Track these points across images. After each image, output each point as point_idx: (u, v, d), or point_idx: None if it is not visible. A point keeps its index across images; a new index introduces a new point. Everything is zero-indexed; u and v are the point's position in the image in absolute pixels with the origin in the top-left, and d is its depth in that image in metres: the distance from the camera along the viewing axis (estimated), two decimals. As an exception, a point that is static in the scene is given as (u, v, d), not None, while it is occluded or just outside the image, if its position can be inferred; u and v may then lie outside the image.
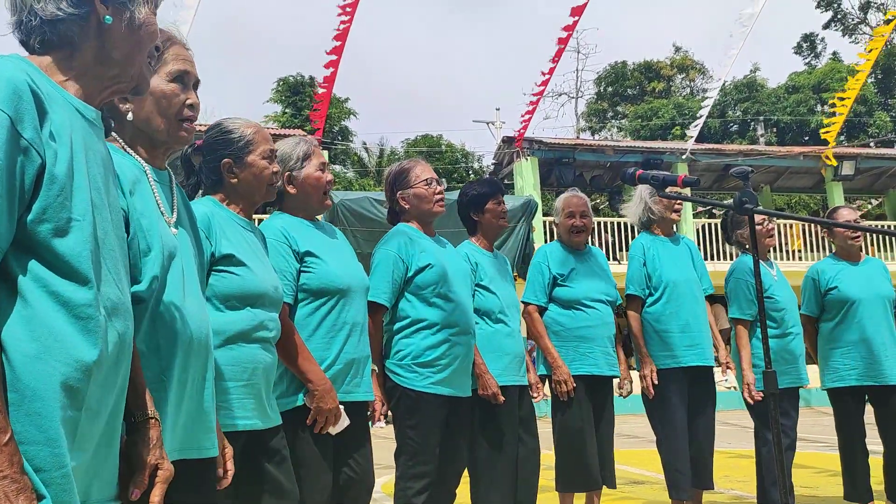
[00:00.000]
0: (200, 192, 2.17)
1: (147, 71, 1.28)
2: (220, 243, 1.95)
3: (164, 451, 1.28)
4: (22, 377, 0.99)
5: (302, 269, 2.37)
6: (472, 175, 27.27)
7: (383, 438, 10.18)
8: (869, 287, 3.82)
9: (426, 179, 2.92)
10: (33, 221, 1.03)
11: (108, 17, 1.18)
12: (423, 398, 2.76)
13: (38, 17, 1.15)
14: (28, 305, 1.02)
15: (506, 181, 15.80)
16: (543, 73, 13.05)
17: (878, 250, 16.14)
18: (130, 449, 1.24)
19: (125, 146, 1.54)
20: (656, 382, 3.54)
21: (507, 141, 15.61)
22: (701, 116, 14.76)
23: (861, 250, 4.03)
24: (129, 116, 1.51)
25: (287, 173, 2.44)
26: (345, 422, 2.31)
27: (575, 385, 3.42)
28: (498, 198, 3.32)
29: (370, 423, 2.61)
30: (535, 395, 3.41)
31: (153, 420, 1.27)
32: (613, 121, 31.83)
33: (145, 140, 1.56)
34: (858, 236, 3.98)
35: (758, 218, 3.85)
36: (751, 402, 3.70)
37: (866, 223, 4.08)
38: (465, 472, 3.04)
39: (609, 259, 15.07)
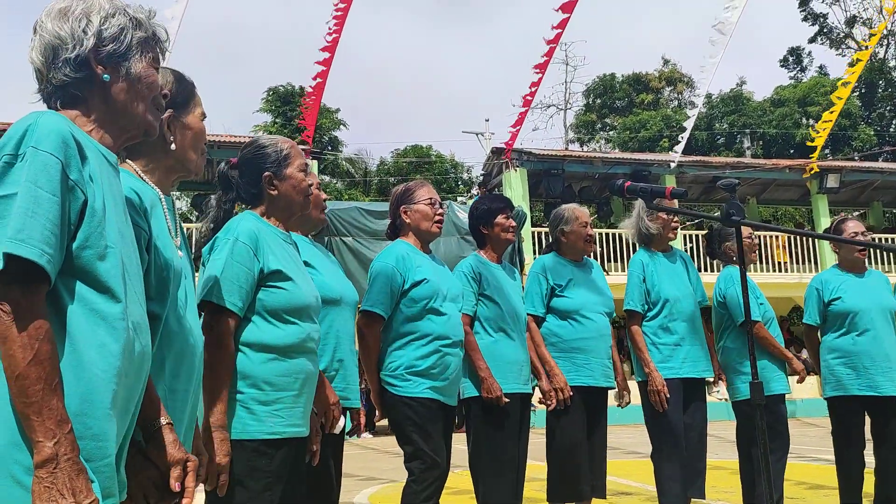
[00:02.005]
0: (243, 206, 2.29)
1: (154, 116, 1.46)
2: (268, 259, 2.05)
3: (185, 448, 1.45)
4: (69, 380, 1.17)
5: None
6: (461, 186, 27.33)
7: (371, 449, 10.16)
8: (872, 299, 3.86)
9: (430, 199, 3.06)
10: (78, 248, 1.23)
11: (106, 75, 1.37)
12: (423, 404, 2.85)
13: (51, 84, 1.37)
14: (73, 321, 1.21)
15: (495, 192, 15.85)
16: (532, 86, 13.11)
17: (870, 262, 16.27)
18: (156, 452, 1.40)
19: (139, 172, 1.63)
20: (668, 396, 3.56)
21: (496, 152, 15.68)
22: (686, 129, 14.85)
23: (865, 262, 4.05)
24: (173, 147, 1.65)
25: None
26: (342, 423, 2.38)
27: (571, 395, 3.44)
28: (507, 213, 3.44)
29: (354, 434, 2.67)
30: (547, 402, 3.44)
31: (169, 425, 1.43)
32: (602, 132, 32.03)
33: (164, 168, 1.67)
34: (864, 248, 4.01)
35: (744, 232, 3.89)
36: (800, 377, 3.82)
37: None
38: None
39: (597, 270, 15.10)
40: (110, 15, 1.38)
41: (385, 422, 3.02)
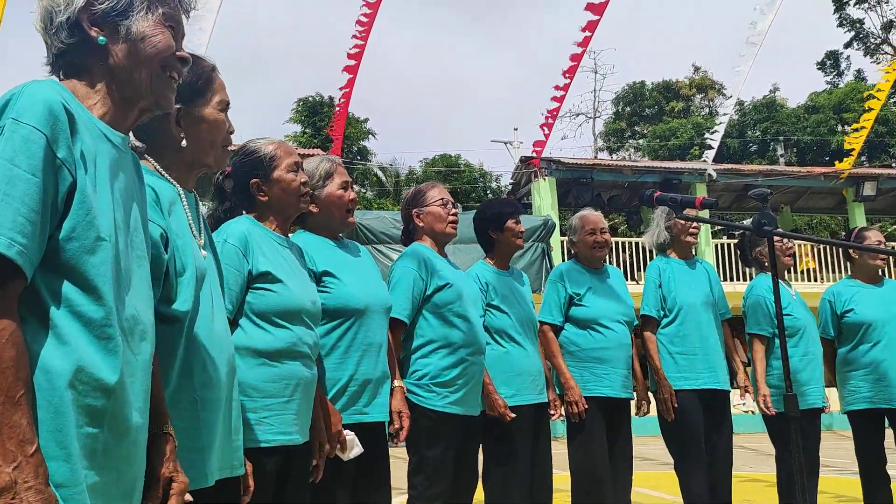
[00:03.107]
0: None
1: (163, 86, 1.26)
2: (256, 261, 1.99)
3: (179, 464, 1.29)
4: (48, 395, 1.02)
5: (319, 289, 2.36)
6: (489, 195, 27.30)
7: (401, 459, 10.12)
8: (886, 309, 3.78)
9: (442, 199, 2.98)
10: (63, 239, 1.06)
11: (101, 38, 1.20)
12: (443, 418, 2.77)
13: (51, 52, 1.22)
14: (54, 325, 1.04)
15: (524, 201, 15.78)
16: (558, 88, 13.02)
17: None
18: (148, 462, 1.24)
19: (158, 168, 1.55)
20: (675, 405, 3.52)
21: (525, 160, 15.63)
22: (717, 132, 14.65)
23: (880, 273, 3.99)
24: (183, 143, 1.53)
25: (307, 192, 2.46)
26: (357, 449, 2.27)
27: (588, 407, 3.37)
28: (516, 217, 3.35)
29: (394, 442, 2.60)
30: (553, 412, 3.39)
31: (168, 435, 1.28)
32: (631, 141, 31.80)
33: (183, 163, 1.58)
34: (883, 258, 3.94)
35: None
36: (767, 413, 3.68)
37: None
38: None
39: (627, 279, 14.98)
40: None
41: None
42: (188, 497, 1.29)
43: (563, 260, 13.77)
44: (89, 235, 1.07)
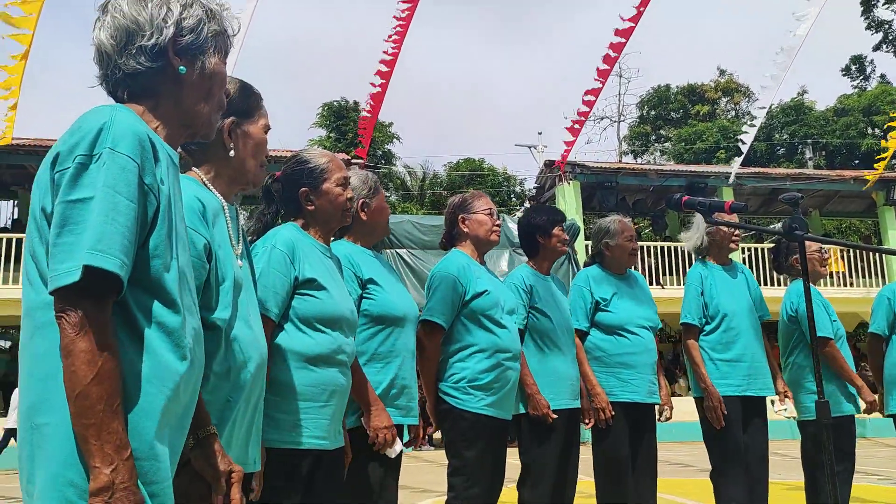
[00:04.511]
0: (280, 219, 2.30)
1: (215, 118, 1.39)
2: (303, 267, 2.06)
3: (230, 457, 1.41)
4: (134, 398, 1.12)
5: (364, 295, 2.46)
6: (513, 199, 27.29)
7: (430, 462, 10.17)
8: None
9: (489, 209, 3.08)
10: (148, 257, 1.16)
11: (182, 67, 1.30)
12: (480, 420, 2.83)
13: (121, 70, 1.28)
14: (142, 335, 1.15)
15: (548, 205, 15.74)
16: (587, 94, 12.96)
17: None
18: (201, 462, 1.36)
19: (205, 181, 1.64)
20: (725, 412, 3.48)
21: (550, 165, 15.61)
22: (744, 139, 14.50)
23: None
24: (231, 153, 1.64)
25: (361, 200, 2.56)
26: (398, 446, 2.35)
27: (614, 413, 3.38)
28: (562, 225, 3.45)
29: (411, 447, 2.67)
30: (586, 420, 3.40)
31: (214, 435, 1.39)
32: (656, 144, 31.60)
33: (226, 177, 1.67)
34: None
35: (815, 244, 3.80)
36: (875, 415, 3.66)
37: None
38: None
39: (652, 284, 14.87)
40: (188, 4, 1.31)
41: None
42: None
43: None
44: (168, 253, 1.18)
